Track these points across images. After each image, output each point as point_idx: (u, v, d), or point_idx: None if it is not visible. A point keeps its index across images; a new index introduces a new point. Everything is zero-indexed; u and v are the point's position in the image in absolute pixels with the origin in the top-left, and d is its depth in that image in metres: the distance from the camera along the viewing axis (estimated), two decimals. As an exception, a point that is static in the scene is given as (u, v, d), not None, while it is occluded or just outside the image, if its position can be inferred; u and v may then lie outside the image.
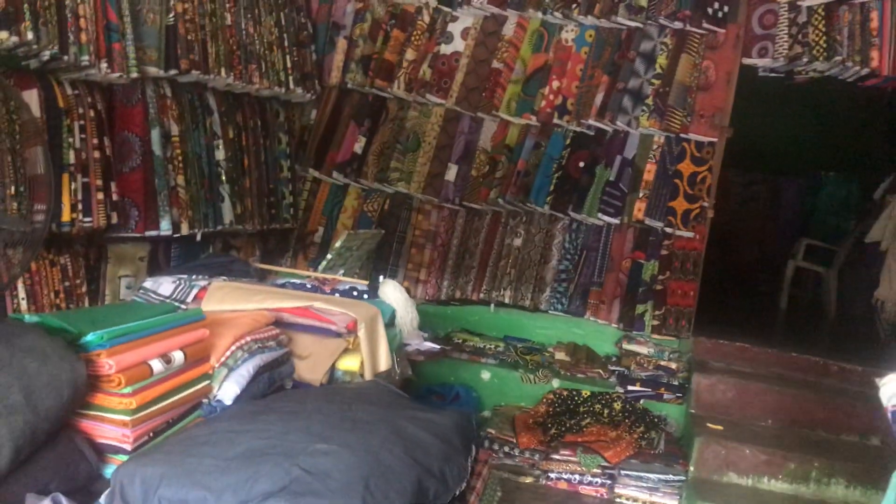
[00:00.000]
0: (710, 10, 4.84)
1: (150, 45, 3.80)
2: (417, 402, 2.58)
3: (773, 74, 5.05)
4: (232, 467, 1.81)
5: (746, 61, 4.91)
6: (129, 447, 1.96)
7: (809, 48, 4.68)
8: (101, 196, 3.56)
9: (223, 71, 4.25)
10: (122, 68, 3.55)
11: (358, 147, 5.36)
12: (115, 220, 3.65)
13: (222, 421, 2.10)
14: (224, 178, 4.47)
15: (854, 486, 4.06)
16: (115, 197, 3.64)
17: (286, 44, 4.90)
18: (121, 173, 3.77)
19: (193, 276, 2.98)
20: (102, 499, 1.84)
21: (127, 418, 1.95)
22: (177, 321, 2.25)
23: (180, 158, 4.11)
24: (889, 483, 2.28)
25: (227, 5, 4.34)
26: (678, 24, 4.88)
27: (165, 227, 3.99)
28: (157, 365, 2.06)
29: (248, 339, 2.45)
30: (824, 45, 4.66)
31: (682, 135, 4.94)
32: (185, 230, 4.12)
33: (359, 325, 2.78)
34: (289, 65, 4.90)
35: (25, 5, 3.02)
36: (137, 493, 1.76)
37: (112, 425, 1.96)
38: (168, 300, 2.82)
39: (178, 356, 2.14)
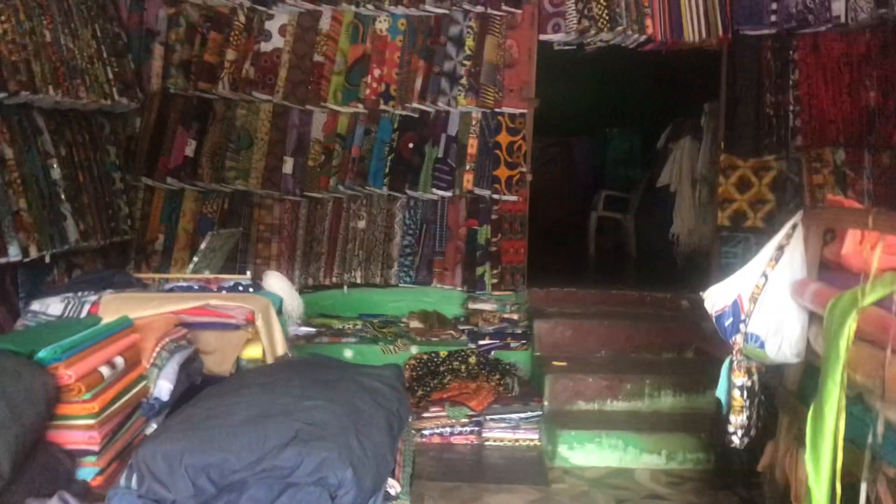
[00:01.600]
0: (506, -7, 5.33)
1: (-25, 69, 3.69)
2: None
3: (566, 47, 5.65)
4: (241, 431, 2.03)
5: (543, 37, 5.46)
6: (96, 448, 2.08)
7: (595, 21, 5.28)
8: (-54, 229, 3.46)
9: (51, 89, 4.17)
10: (-46, 96, 3.45)
11: (189, 150, 5.38)
12: (-35, 251, 3.55)
13: (211, 399, 2.27)
14: (63, 196, 4.39)
15: (679, 394, 4.78)
16: (-38, 228, 3.54)
17: (105, 55, 4.83)
18: (-38, 204, 3.66)
19: (80, 293, 3.03)
20: (122, 480, 1.97)
21: (93, 421, 2.07)
22: (110, 330, 2.36)
23: (19, 182, 4.01)
24: (721, 371, 2.85)
25: (45, 21, 4.25)
26: (480, 8, 5.32)
27: (14, 253, 3.90)
28: (105, 371, 2.18)
29: (167, 339, 2.59)
30: (607, 18, 5.28)
31: (497, 109, 5.41)
32: (33, 253, 4.03)
33: (256, 315, 2.99)
34: (111, 76, 4.84)
35: None
36: (162, 467, 1.93)
37: (79, 430, 2.07)
38: (61, 319, 2.86)
39: (119, 361, 2.27)
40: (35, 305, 2.96)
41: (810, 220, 2.73)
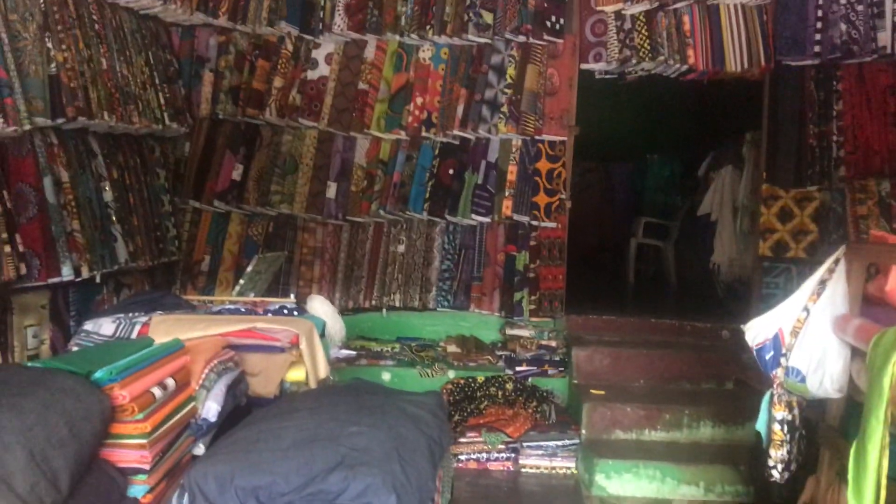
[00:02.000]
0: (548, 24, 5.40)
1: (36, 95, 3.84)
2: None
3: (608, 76, 5.70)
4: (289, 455, 2.09)
5: (584, 66, 5.52)
6: (147, 467, 2.15)
7: (636, 51, 5.34)
8: (7, 249, 3.59)
9: (106, 114, 4.32)
10: (17, 122, 3.59)
11: (236, 174, 5.52)
12: (23, 270, 3.68)
13: (260, 423, 2.34)
14: (115, 218, 4.52)
15: (718, 425, 4.73)
16: (20, 248, 3.67)
17: (157, 81, 5.00)
18: (20, 224, 3.79)
19: (131, 315, 3.12)
20: (174, 499, 2.04)
21: (144, 441, 2.15)
22: (163, 352, 2.45)
23: (73, 204, 4.15)
24: (761, 405, 2.84)
25: (102, 50, 4.41)
26: (522, 38, 5.40)
27: (67, 273, 4.03)
28: (157, 392, 2.26)
29: (215, 361, 2.67)
30: (648, 48, 5.33)
31: (537, 136, 5.46)
32: (85, 273, 4.16)
33: (301, 339, 3.06)
34: (162, 101, 5.00)
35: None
36: (213, 488, 2.00)
37: (131, 449, 2.14)
38: (112, 340, 2.96)
39: (170, 382, 2.35)
40: (88, 325, 3.06)
41: (853, 255, 2.73)
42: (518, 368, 5.30)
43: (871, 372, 2.29)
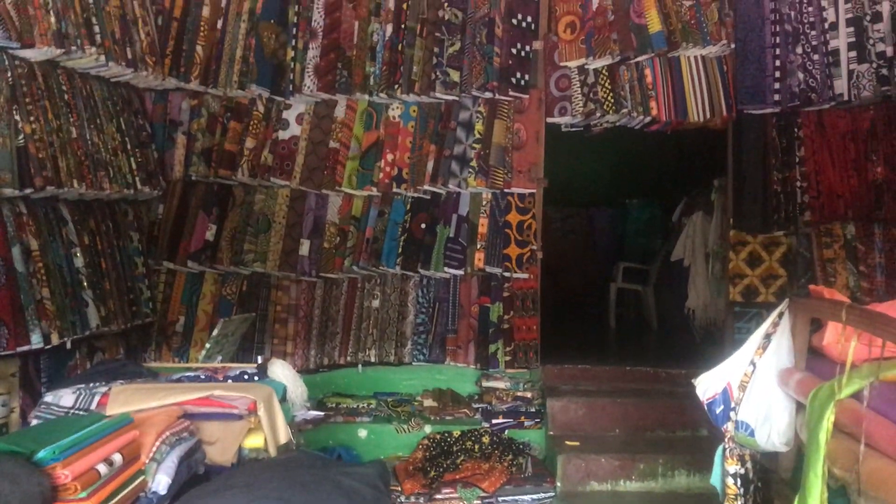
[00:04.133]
0: (513, 80, 5.51)
1: (4, 167, 3.90)
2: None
3: (574, 129, 5.80)
4: None
5: (550, 120, 5.62)
6: (93, 544, 2.17)
7: (600, 104, 5.44)
8: (-27, 320, 3.62)
9: (75, 182, 4.38)
10: (-18, 195, 3.66)
11: (209, 234, 5.56)
12: (-11, 341, 3.71)
13: (195, 500, 2.35)
14: (86, 283, 4.56)
15: (693, 473, 4.75)
16: (-14, 319, 3.71)
17: (129, 147, 5.07)
18: (-13, 294, 3.83)
19: (91, 385, 3.15)
20: None
21: (88, 518, 2.17)
22: (110, 427, 2.47)
23: (43, 271, 4.19)
24: (715, 459, 2.86)
25: (72, 119, 4.49)
26: (489, 94, 5.50)
27: (37, 341, 4.06)
28: (102, 468, 2.28)
29: (167, 433, 2.69)
30: (612, 101, 5.44)
31: (506, 189, 5.54)
32: (55, 340, 4.19)
33: (258, 405, 3.07)
34: (134, 166, 5.07)
35: None
36: None
37: (74, 529, 2.17)
38: (72, 411, 2.98)
39: (117, 458, 2.37)
40: (48, 397, 3.08)
41: (796, 309, 2.78)
42: (494, 421, 5.32)
43: (808, 426, 2.32)
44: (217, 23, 5.55)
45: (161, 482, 2.54)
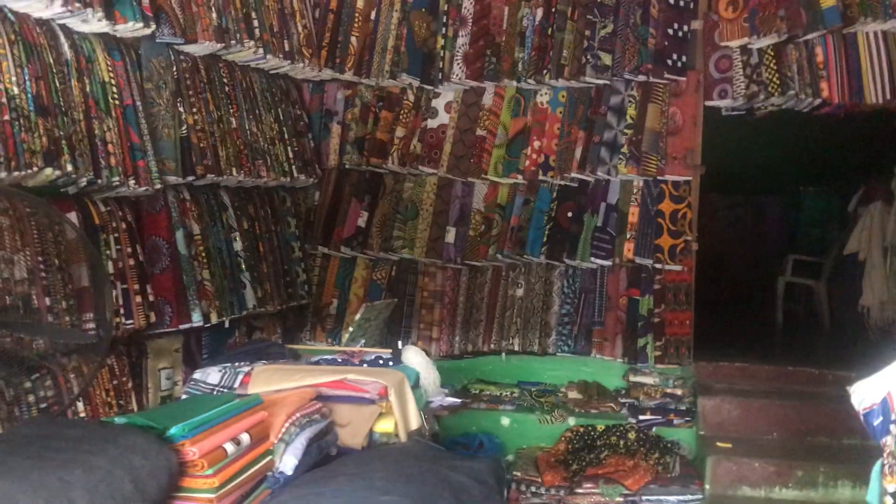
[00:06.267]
0: (669, 62, 5.25)
1: (168, 156, 4.18)
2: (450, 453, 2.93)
3: (734, 113, 5.47)
4: None
5: (709, 104, 5.31)
6: (217, 519, 2.29)
7: (765, 86, 5.08)
8: (139, 299, 3.91)
9: (234, 170, 4.63)
10: (148, 182, 3.93)
11: (361, 221, 5.73)
12: (153, 318, 3.99)
13: (301, 487, 2.44)
14: (244, 266, 4.82)
15: (859, 486, 4.32)
16: (151, 298, 4.00)
17: (286, 136, 5.30)
18: (153, 275, 4.13)
19: (236, 364, 3.31)
20: None
21: (212, 496, 2.28)
22: (240, 407, 2.59)
23: (204, 255, 4.47)
24: (871, 475, 2.60)
25: (231, 110, 4.74)
26: (642, 77, 5.28)
27: (197, 319, 4.34)
28: (229, 447, 2.39)
29: (298, 414, 2.78)
30: (778, 82, 5.06)
31: (659, 177, 5.30)
32: (214, 319, 4.47)
33: (389, 390, 3.12)
34: (290, 155, 5.30)
35: (63, 142, 3.41)
36: None
37: (200, 503, 2.29)
38: (217, 388, 3.15)
39: (245, 438, 2.48)
40: (197, 374, 3.27)
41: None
42: (641, 417, 5.13)
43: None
44: (371, 14, 5.66)
45: (288, 463, 2.63)
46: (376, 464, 2.58)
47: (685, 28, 5.31)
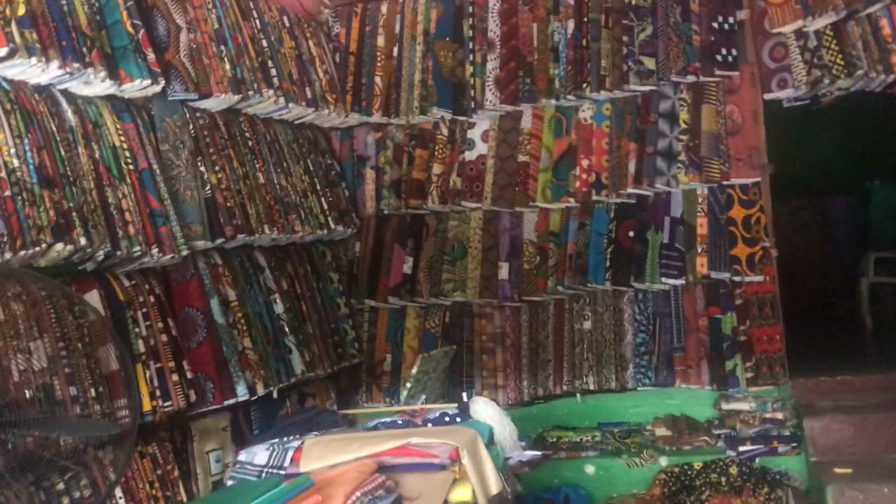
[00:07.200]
0: (718, 57, 4.89)
1: (194, 220, 3.89)
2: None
3: (797, 103, 5.04)
4: None
5: (768, 96, 4.92)
6: None
7: (828, 69, 4.66)
8: (175, 377, 3.59)
9: (266, 228, 4.33)
10: (173, 249, 3.63)
11: (407, 268, 5.40)
12: (193, 397, 3.66)
13: None
14: (287, 329, 4.50)
15: None
16: (189, 375, 3.67)
17: (318, 187, 5.03)
18: (189, 349, 3.81)
19: (285, 439, 2.95)
20: None
21: None
22: (289, 493, 2.21)
23: (243, 321, 4.15)
24: None
25: (257, 165, 4.47)
26: (691, 78, 4.92)
27: (242, 393, 3.99)
28: (279, 545, 2.01)
29: (358, 493, 2.37)
30: (842, 63, 4.64)
31: (725, 182, 4.92)
32: (260, 390, 4.12)
33: (461, 452, 2.71)
34: (325, 206, 5.02)
35: (74, 214, 3.12)
36: None
37: None
38: (265, 469, 2.78)
39: (296, 530, 2.10)
40: (242, 455, 2.91)
41: None
42: (741, 448, 4.68)
43: None
44: (392, 50, 5.44)
45: (353, 552, 2.23)
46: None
47: (731, 19, 4.97)
